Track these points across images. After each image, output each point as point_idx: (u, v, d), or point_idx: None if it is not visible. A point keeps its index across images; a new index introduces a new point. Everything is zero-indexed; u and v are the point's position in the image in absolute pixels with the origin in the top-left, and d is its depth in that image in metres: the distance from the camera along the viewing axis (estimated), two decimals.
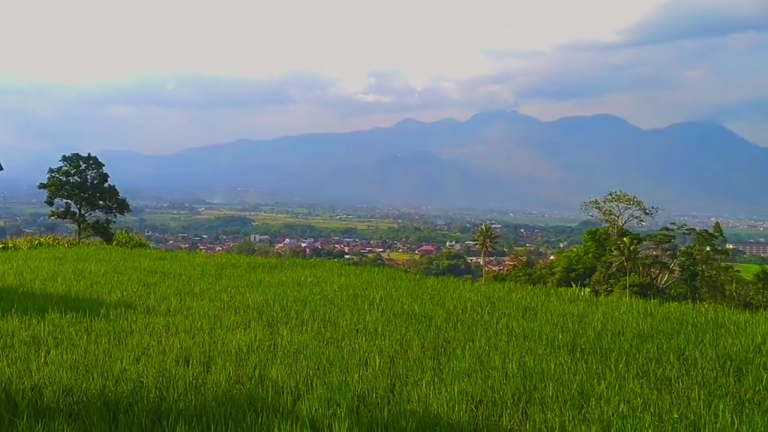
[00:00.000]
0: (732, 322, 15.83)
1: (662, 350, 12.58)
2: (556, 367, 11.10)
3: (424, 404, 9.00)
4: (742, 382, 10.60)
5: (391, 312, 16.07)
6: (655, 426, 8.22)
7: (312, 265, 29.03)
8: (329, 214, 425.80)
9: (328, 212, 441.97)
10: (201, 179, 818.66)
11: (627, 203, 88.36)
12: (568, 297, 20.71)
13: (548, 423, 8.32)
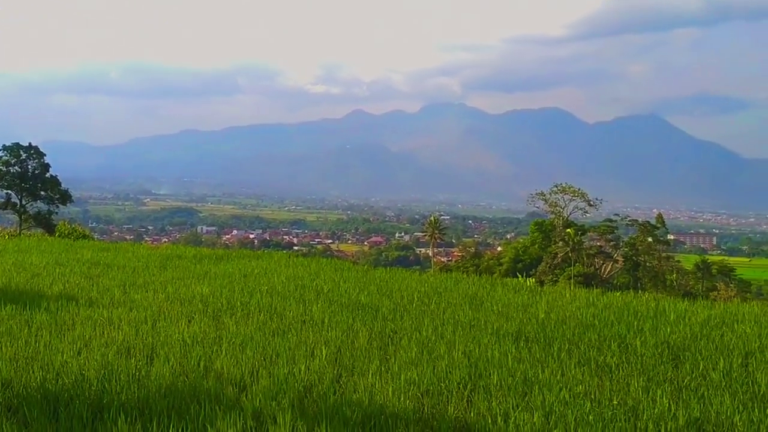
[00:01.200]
0: (671, 310, 16.23)
1: (604, 338, 12.84)
2: (501, 355, 11.23)
3: (370, 394, 9.01)
4: (680, 369, 10.87)
5: (339, 303, 16.05)
6: (596, 412, 8.38)
7: (259, 256, 28.83)
8: (278, 206, 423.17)
9: (276, 203, 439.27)
10: (147, 170, 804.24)
11: (572, 195, 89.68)
12: (513, 287, 20.96)
13: (493, 410, 8.41)
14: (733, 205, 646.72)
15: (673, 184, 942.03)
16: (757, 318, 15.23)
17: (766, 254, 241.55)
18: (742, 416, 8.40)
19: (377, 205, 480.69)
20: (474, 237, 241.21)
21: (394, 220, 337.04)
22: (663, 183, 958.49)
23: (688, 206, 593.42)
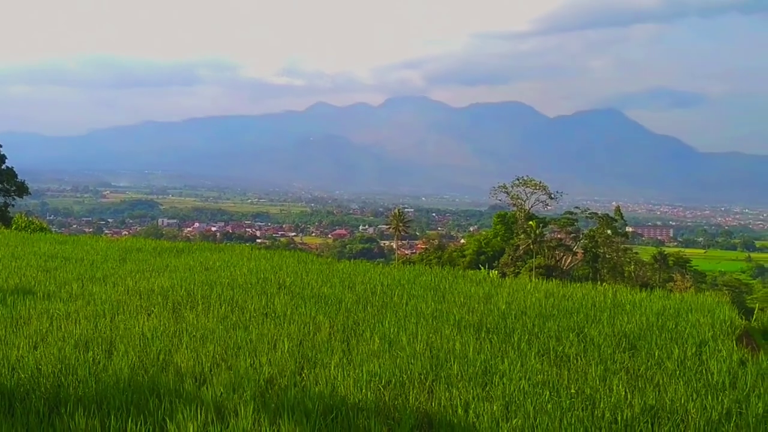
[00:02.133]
0: (628, 301, 16.51)
1: (563, 329, 13.02)
2: (462, 346, 11.33)
3: (332, 386, 9.04)
4: (636, 358, 11.10)
5: (301, 295, 16.01)
6: (554, 401, 8.52)
7: (221, 249, 28.57)
8: (240, 198, 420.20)
9: (239, 196, 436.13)
10: (106, 162, 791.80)
11: (534, 188, 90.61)
12: (476, 279, 21.10)
13: (453, 401, 8.51)
14: (689, 198, 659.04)
15: (632, 178, 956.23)
16: (710, 308, 15.57)
17: (720, 246, 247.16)
18: (696, 403, 8.61)
19: (341, 197, 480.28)
20: (438, 229, 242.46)
21: (358, 212, 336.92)
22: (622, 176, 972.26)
23: (646, 199, 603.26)
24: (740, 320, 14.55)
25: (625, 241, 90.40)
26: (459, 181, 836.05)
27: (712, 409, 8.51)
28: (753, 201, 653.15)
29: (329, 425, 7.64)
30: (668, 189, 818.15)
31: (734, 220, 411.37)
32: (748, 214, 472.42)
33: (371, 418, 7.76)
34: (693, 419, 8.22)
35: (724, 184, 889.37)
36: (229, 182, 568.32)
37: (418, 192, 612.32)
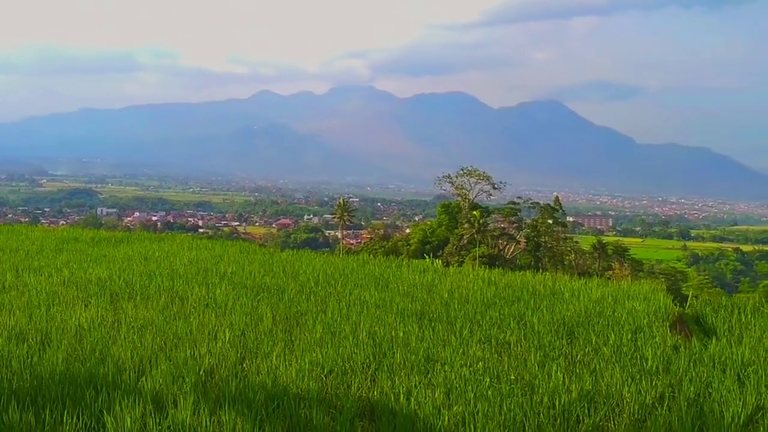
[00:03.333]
0: (567, 289, 16.84)
1: (504, 316, 13.20)
2: (405, 334, 11.40)
3: (274, 375, 9.00)
4: (574, 345, 11.33)
5: (243, 286, 15.87)
6: (494, 387, 8.64)
7: (161, 239, 28.11)
8: (182, 187, 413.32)
9: (180, 185, 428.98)
10: (42, 149, 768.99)
11: (477, 178, 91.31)
12: (419, 268, 21.22)
13: (395, 389, 8.56)
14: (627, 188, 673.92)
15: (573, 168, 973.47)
16: (646, 295, 15.98)
17: (657, 235, 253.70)
18: (631, 388, 8.83)
19: (285, 187, 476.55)
20: (383, 219, 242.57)
21: (303, 202, 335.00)
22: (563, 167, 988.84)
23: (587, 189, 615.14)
24: (674, 307, 14.97)
25: (565, 231, 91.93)
26: (404, 171, 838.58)
27: (646, 393, 8.74)
28: (689, 191, 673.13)
29: (271, 415, 7.60)
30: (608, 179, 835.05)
31: (671, 210, 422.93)
32: (684, 204, 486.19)
33: (313, 407, 7.75)
34: (628, 403, 8.43)
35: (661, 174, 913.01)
36: (170, 171, 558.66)
37: (363, 182, 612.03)
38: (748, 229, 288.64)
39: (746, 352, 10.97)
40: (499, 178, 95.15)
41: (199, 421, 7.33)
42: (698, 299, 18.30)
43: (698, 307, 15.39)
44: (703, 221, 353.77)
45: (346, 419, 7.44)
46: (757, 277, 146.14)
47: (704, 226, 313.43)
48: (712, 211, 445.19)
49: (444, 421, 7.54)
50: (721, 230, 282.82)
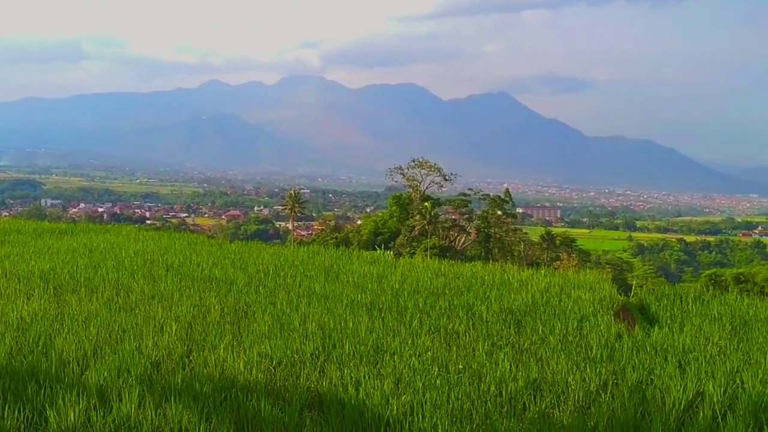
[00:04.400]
0: (516, 279, 17.06)
1: (453, 307, 13.30)
2: (355, 325, 11.41)
3: (222, 368, 8.92)
4: (521, 334, 11.48)
5: (191, 277, 15.69)
6: (443, 377, 8.70)
7: (107, 230, 27.62)
8: (129, 178, 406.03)
9: (127, 176, 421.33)
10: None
11: (428, 170, 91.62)
12: (370, 259, 21.25)
13: (344, 379, 8.55)
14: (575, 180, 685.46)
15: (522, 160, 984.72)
16: (591, 285, 16.28)
17: (604, 226, 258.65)
18: (576, 376, 8.99)
19: (235, 178, 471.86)
20: (334, 211, 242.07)
21: (253, 193, 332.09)
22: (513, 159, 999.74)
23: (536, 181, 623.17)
24: (619, 296, 15.29)
25: (515, 222, 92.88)
26: (355, 162, 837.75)
27: (591, 380, 8.90)
28: (635, 183, 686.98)
29: (218, 407, 7.53)
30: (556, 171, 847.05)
31: (617, 202, 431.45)
32: (630, 196, 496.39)
33: (262, 398, 7.70)
34: (573, 390, 8.57)
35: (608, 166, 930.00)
36: (116, 162, 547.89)
37: (314, 173, 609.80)
38: (692, 220, 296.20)
39: (687, 340, 11.26)
40: (450, 169, 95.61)
41: (144, 415, 7.23)
42: (642, 288, 18.73)
43: (642, 296, 15.74)
44: (648, 212, 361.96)
45: (295, 410, 7.42)
46: (700, 266, 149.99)
47: (649, 217, 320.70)
48: (656, 203, 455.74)
49: (392, 410, 7.57)
50: (665, 221, 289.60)
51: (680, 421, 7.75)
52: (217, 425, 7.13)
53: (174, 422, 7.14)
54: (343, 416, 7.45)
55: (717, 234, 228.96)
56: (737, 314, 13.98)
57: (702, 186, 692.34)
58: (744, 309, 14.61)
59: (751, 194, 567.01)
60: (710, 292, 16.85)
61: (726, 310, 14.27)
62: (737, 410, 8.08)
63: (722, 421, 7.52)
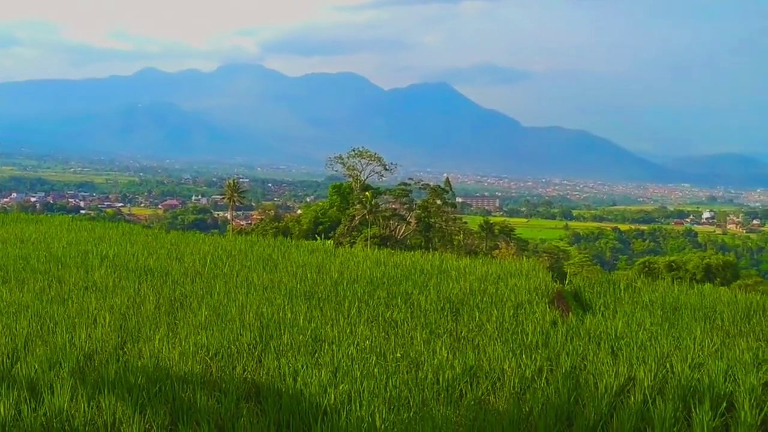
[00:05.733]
0: (454, 267, 17.23)
1: (392, 295, 13.37)
2: (293, 315, 11.37)
3: (157, 359, 8.79)
4: (459, 322, 11.62)
5: (125, 268, 15.39)
6: (380, 365, 8.75)
7: (39, 220, 26.88)
8: (62, 167, 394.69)
9: (60, 164, 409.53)
10: None
11: (369, 159, 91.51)
12: (309, 249, 21.19)
13: (282, 369, 8.52)
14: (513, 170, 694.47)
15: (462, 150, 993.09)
16: (527, 272, 16.57)
17: (541, 215, 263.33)
18: (511, 362, 9.14)
19: (172, 167, 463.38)
20: (274, 200, 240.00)
21: (191, 182, 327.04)
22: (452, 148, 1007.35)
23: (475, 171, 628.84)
24: (554, 284, 15.59)
25: (454, 211, 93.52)
26: (295, 152, 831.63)
27: (526, 367, 9.07)
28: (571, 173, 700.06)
29: (153, 399, 7.42)
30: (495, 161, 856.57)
31: (554, 191, 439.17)
32: (567, 185, 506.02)
33: (197, 390, 7.62)
34: (509, 377, 8.72)
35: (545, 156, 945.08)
36: (49, 150, 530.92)
37: (253, 162, 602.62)
38: (626, 209, 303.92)
39: (619, 326, 11.57)
40: (391, 159, 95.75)
41: (77, 408, 7.09)
42: (577, 276, 19.14)
43: (577, 283, 16.08)
44: (584, 202, 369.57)
45: (231, 401, 7.36)
46: (634, 254, 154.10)
47: (585, 206, 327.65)
48: (592, 192, 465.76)
49: (330, 399, 7.58)
50: (600, 210, 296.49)
51: (612, 406, 7.95)
52: (152, 417, 7.03)
53: (107, 414, 7.02)
54: (280, 406, 7.43)
55: (650, 223, 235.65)
56: (668, 301, 14.41)
57: (635, 176, 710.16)
58: (675, 296, 15.07)
59: (682, 184, 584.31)
60: (641, 280, 17.34)
61: (657, 297, 14.70)
62: (667, 394, 8.33)
63: (652, 405, 7.74)
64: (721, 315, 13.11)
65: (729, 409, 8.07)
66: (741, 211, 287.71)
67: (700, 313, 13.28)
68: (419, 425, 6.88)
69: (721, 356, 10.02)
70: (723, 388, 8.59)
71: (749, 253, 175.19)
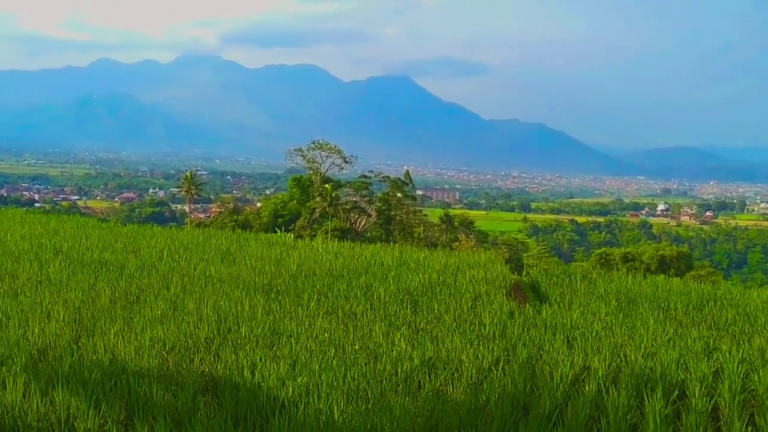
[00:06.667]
0: (413, 259, 17.31)
1: (351, 288, 13.38)
2: (251, 308, 11.31)
3: (112, 354, 8.68)
4: (418, 314, 11.68)
5: (80, 262, 15.15)
6: (339, 358, 8.76)
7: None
8: (16, 159, 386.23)
9: (14, 157, 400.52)
10: None
11: (329, 152, 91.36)
12: (268, 242, 21.08)
13: (240, 363, 8.48)
14: (473, 163, 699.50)
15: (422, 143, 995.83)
16: (485, 264, 16.72)
17: (500, 208, 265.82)
18: (469, 353, 9.23)
19: (129, 159, 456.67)
20: (233, 193, 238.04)
21: (148, 175, 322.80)
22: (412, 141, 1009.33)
23: (435, 163, 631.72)
24: (511, 275, 15.76)
25: (415, 204, 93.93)
26: (255, 144, 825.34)
27: (484, 357, 9.16)
28: (530, 166, 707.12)
29: (108, 393, 7.33)
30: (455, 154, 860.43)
31: (513, 184, 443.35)
32: (525, 178, 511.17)
33: (153, 384, 7.54)
34: (466, 368, 8.80)
35: (504, 149, 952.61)
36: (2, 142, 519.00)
37: (211, 154, 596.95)
38: (583, 201, 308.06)
39: (575, 316, 11.75)
40: (351, 151, 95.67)
41: (30, 403, 6.97)
42: (535, 268, 19.36)
43: (534, 275, 16.28)
44: (542, 194, 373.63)
45: (188, 395, 7.30)
46: (591, 246, 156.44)
47: (543, 199, 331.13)
48: (550, 185, 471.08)
49: (288, 392, 7.57)
50: (558, 203, 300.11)
51: (567, 395, 8.08)
52: (107, 412, 6.95)
53: (61, 410, 6.92)
54: (237, 399, 7.40)
55: (607, 215, 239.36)
56: (623, 291, 14.67)
57: (592, 169, 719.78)
58: (629, 286, 15.35)
59: (638, 177, 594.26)
60: (597, 271, 17.61)
61: (612, 288, 14.96)
62: (620, 383, 8.49)
63: (606, 394, 7.88)
64: (675, 305, 13.39)
65: (681, 397, 8.26)
66: (695, 203, 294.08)
67: (654, 303, 13.55)
68: (377, 417, 6.91)
69: (674, 345, 10.24)
70: (675, 376, 8.79)
71: (702, 244, 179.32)
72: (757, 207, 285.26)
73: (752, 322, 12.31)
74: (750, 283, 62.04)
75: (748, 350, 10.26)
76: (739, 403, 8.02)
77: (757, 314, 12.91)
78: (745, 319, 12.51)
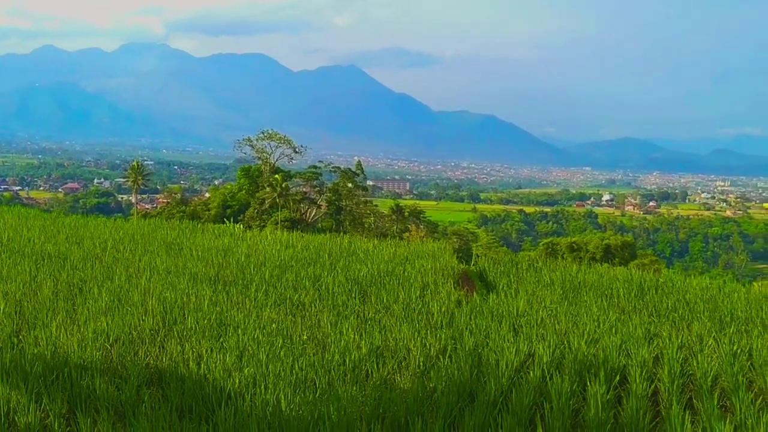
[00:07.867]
0: (362, 249, 17.33)
1: (300, 278, 13.35)
2: (198, 299, 11.20)
3: (54, 346, 8.52)
4: (366, 303, 11.71)
5: (21, 253, 14.79)
6: (287, 348, 8.74)
7: None
8: None
9: None
10: None
11: (278, 142, 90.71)
12: (216, 232, 20.87)
13: (185, 354, 8.40)
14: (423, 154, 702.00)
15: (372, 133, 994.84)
16: (434, 254, 16.84)
17: (450, 198, 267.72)
18: (417, 342, 9.30)
19: (72, 149, 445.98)
20: (180, 183, 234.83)
21: (93, 165, 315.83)
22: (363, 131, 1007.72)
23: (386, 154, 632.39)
24: (459, 265, 15.90)
25: (365, 194, 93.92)
26: (202, 134, 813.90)
27: (431, 346, 9.25)
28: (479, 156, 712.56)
29: (50, 387, 7.19)
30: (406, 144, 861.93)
31: (462, 174, 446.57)
32: (474, 169, 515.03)
33: (96, 377, 7.42)
34: (414, 356, 8.87)
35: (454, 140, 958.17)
36: None
37: (158, 144, 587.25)
38: (531, 192, 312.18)
39: (521, 304, 11.93)
40: (300, 141, 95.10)
41: None
42: (484, 258, 19.57)
43: (482, 264, 16.46)
44: (491, 185, 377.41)
45: (132, 388, 7.20)
46: (538, 236, 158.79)
47: (492, 189, 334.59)
48: (499, 176, 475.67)
49: (234, 383, 7.52)
50: (507, 193, 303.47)
51: (512, 381, 8.21)
52: (49, 405, 6.81)
53: (1, 403, 6.76)
54: (183, 391, 7.33)
55: (554, 205, 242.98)
56: (567, 279, 14.94)
57: (540, 159, 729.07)
58: (574, 275, 15.63)
59: (584, 167, 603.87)
60: (542, 260, 17.90)
61: (558, 277, 15.22)
62: (564, 369, 8.66)
63: (550, 380, 8.03)
64: (618, 293, 13.70)
65: (622, 382, 8.47)
66: (638, 193, 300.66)
67: (597, 291, 13.84)
68: (325, 406, 6.92)
69: (616, 332, 10.48)
70: (617, 362, 9.00)
71: (646, 233, 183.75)
72: (698, 197, 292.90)
73: (691, 309, 12.67)
74: (691, 272, 63.88)
75: (687, 336, 10.57)
76: (678, 387, 8.25)
77: (697, 301, 13.29)
78: (685, 306, 12.87)
